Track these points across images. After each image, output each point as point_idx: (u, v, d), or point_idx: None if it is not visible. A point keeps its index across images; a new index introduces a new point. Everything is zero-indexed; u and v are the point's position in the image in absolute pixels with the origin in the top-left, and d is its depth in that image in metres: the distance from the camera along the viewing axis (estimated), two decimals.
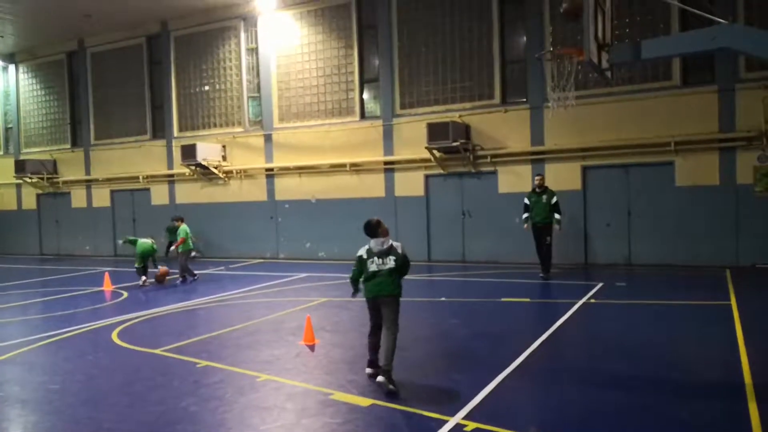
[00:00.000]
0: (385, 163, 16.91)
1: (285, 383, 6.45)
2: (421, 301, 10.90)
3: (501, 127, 15.44)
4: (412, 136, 16.28)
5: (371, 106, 17.51)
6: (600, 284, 11.89)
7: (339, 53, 17.52)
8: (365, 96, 17.51)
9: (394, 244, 6.56)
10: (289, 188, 18.46)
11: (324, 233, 17.88)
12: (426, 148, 15.49)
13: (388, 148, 16.85)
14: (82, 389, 6.62)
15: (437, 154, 15.84)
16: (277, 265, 17.32)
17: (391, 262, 6.42)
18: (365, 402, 5.78)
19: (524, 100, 15.31)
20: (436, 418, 5.27)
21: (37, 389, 6.70)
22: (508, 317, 9.79)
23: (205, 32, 19.64)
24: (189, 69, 20.07)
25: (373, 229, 6.58)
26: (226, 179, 19.33)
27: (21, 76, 23.96)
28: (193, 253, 15.35)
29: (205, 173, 19.35)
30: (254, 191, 19.02)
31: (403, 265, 6.50)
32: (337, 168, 17.55)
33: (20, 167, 22.31)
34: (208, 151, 18.77)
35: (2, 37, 21.61)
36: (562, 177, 14.74)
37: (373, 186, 17.13)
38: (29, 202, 24.01)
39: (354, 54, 17.31)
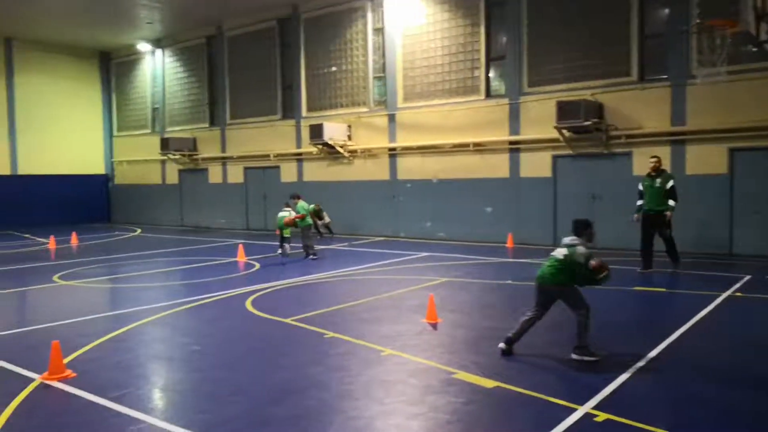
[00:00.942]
0: (510, 142, 16.49)
1: (408, 359, 6.50)
2: None
3: (637, 105, 14.50)
4: (540, 115, 15.72)
5: (497, 85, 17.11)
6: (747, 277, 10.89)
7: (465, 31, 17.22)
8: (491, 74, 17.12)
9: (579, 249, 6.42)
10: (411, 168, 18.55)
11: (444, 213, 17.82)
12: (555, 127, 14.91)
13: (514, 128, 16.40)
14: (219, 351, 7.07)
15: (566, 133, 15.19)
16: (397, 243, 17.52)
17: (560, 254, 6.47)
18: (489, 383, 5.69)
19: (664, 77, 14.24)
20: (564, 406, 5.09)
21: (181, 349, 7.24)
22: (641, 307, 9.25)
23: (334, 14, 20.07)
24: (317, 50, 20.63)
25: (578, 226, 6.62)
26: (351, 158, 19.76)
27: (166, 60, 25.82)
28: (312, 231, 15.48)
29: (330, 152, 19.91)
30: (377, 170, 19.30)
31: (571, 265, 6.40)
32: (459, 148, 17.37)
33: (165, 145, 24.13)
34: (334, 131, 19.27)
35: (151, 23, 23.37)
36: (705, 160, 13.62)
37: (496, 166, 16.78)
38: (172, 177, 25.97)
39: (480, 31, 16.94)
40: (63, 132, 26.86)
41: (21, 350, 6.92)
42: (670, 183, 11.32)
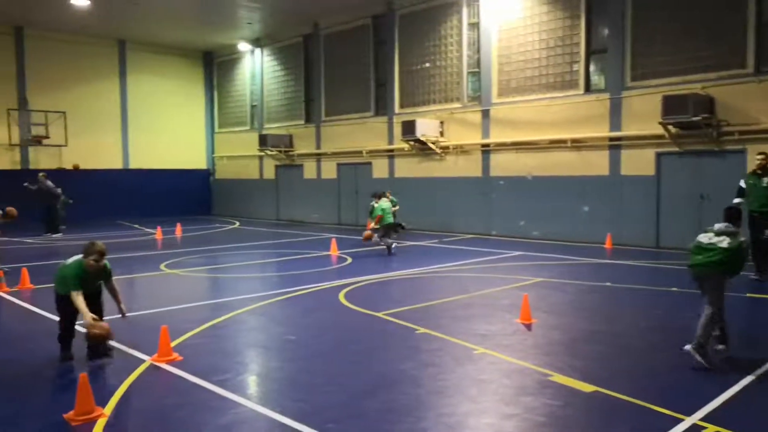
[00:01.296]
0: (611, 139, 15.80)
1: (502, 359, 6.38)
2: (651, 290, 10.05)
3: (754, 99, 13.48)
4: (643, 110, 14.96)
5: (596, 79, 16.44)
6: None
7: (564, 24, 16.67)
8: (591, 68, 16.49)
9: (743, 237, 6.27)
10: (504, 164, 18.20)
11: (539, 212, 17.37)
12: (660, 123, 14.14)
13: (615, 123, 15.71)
14: (314, 342, 7.22)
15: (672, 129, 14.38)
16: (489, 241, 17.25)
17: (723, 242, 6.17)
18: (587, 388, 5.47)
19: None
20: (668, 415, 4.81)
21: (277, 338, 7.46)
22: (756, 316, 8.61)
23: (428, 9, 20.01)
24: (411, 47, 20.66)
25: (732, 214, 6.49)
26: (443, 154, 19.66)
27: (265, 59, 26.73)
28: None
29: (422, 148, 19.89)
30: (469, 167, 19.09)
31: (738, 253, 6.15)
32: (556, 144, 16.85)
33: (263, 141, 24.99)
34: (426, 127, 19.23)
35: (250, 23, 24.27)
36: None
37: (595, 163, 16.15)
38: (269, 172, 26.88)
39: (581, 24, 16.34)
40: (169, 129, 28.46)
41: (133, 333, 7.37)
42: None
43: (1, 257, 12.72)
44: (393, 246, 14.63)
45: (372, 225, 15.17)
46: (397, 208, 16.91)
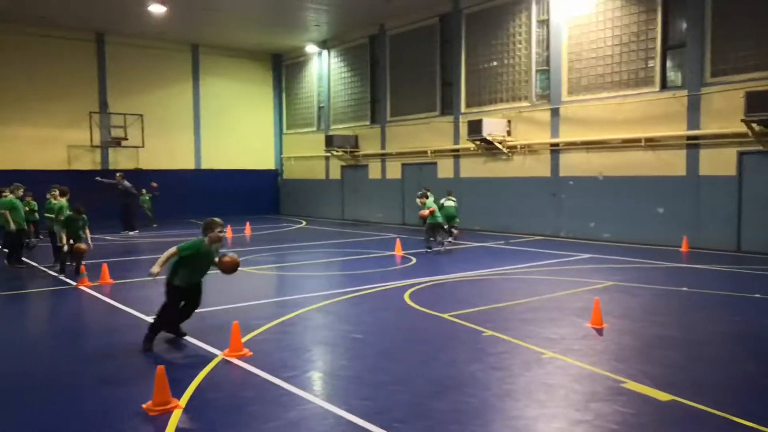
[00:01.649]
0: (689, 137, 15.14)
1: (572, 364, 6.21)
2: (731, 296, 9.56)
3: None
4: (724, 108, 14.27)
5: (673, 75, 15.79)
6: None
7: (639, 18, 16.09)
8: (667, 64, 15.84)
9: None
10: (574, 164, 17.75)
11: (611, 213, 16.83)
12: (742, 120, 13.43)
13: (693, 121, 15.04)
14: (380, 341, 7.25)
15: (756, 127, 13.61)
16: (557, 243, 16.86)
17: None
18: (663, 396, 5.25)
19: None
20: (752, 428, 4.55)
21: (344, 337, 7.53)
22: None
23: (496, 7, 19.76)
24: (478, 45, 20.45)
25: None
26: (510, 154, 19.36)
27: (331, 60, 27.09)
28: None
29: (489, 148, 19.65)
30: (537, 167, 18.72)
31: None
32: (629, 143, 16.29)
33: (329, 142, 25.33)
34: (493, 126, 18.99)
35: (318, 26, 24.64)
36: None
37: (671, 163, 15.51)
38: (335, 172, 27.22)
39: (657, 18, 15.73)
40: (239, 130, 29.28)
41: (205, 328, 7.61)
42: None
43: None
44: (440, 247, 14.64)
45: (426, 213, 15.14)
46: (452, 204, 16.34)
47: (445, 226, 15.48)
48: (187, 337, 7.15)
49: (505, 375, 5.89)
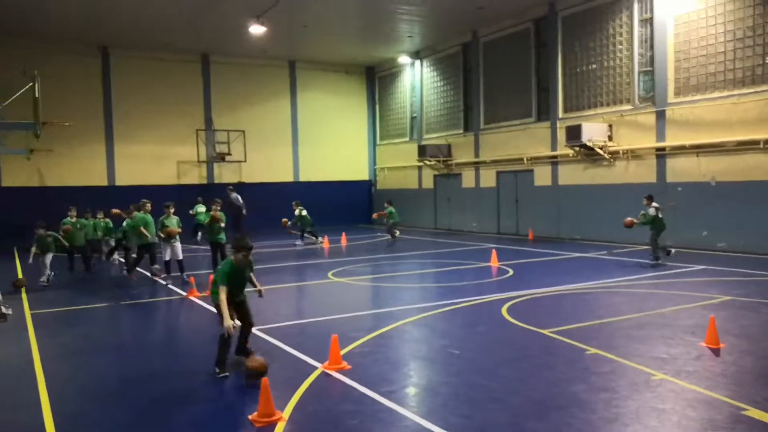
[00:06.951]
0: None
1: (685, 387, 5.80)
2: None
3: None
4: None
5: None
6: None
7: (754, 11, 14.97)
8: None
9: None
10: (683, 169, 16.73)
11: (725, 221, 15.71)
12: None
13: None
14: (477, 357, 7.10)
15: None
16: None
17: None
18: None
19: None
20: None
21: (441, 351, 7.44)
22: None
23: (594, 8, 19.06)
24: (575, 48, 19.80)
25: None
26: (612, 160, 18.55)
27: (424, 70, 27.14)
28: None
29: (588, 154, 18.93)
30: (642, 172, 17.81)
31: None
32: (746, 145, 15.15)
33: (422, 151, 25.39)
34: (593, 131, 18.28)
35: (411, 36, 24.78)
36: None
37: None
38: (427, 182, 27.20)
39: None
40: (335, 142, 29.93)
41: (304, 340, 7.78)
42: None
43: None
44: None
45: (634, 221, 14.07)
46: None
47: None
48: (287, 348, 7.32)
49: (612, 397, 5.59)
